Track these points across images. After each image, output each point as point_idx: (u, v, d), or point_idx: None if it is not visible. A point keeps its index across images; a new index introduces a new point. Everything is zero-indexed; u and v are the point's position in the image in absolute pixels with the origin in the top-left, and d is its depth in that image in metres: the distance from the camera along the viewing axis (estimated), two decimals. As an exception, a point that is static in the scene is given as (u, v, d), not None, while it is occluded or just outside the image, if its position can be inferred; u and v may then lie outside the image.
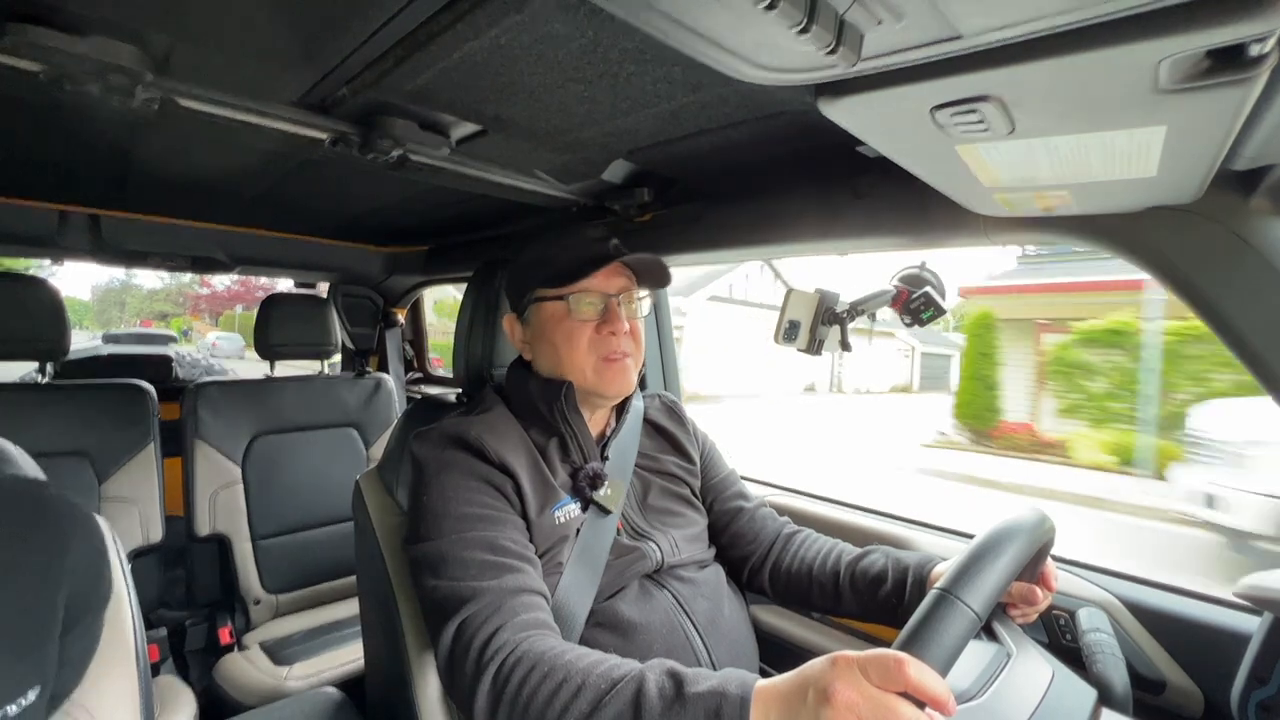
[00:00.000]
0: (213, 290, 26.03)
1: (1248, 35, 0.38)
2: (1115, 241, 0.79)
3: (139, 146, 1.11)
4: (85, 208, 1.59)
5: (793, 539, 1.04)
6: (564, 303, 0.89)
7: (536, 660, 0.66)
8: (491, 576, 0.74)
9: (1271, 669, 0.77)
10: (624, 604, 0.86)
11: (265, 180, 1.34)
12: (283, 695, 1.44)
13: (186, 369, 3.84)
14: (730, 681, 0.58)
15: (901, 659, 0.51)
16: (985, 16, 0.40)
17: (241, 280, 22.74)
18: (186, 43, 0.70)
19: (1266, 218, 0.69)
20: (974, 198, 0.78)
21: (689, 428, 1.10)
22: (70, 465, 1.58)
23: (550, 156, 1.06)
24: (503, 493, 0.83)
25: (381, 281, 2.38)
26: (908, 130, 0.59)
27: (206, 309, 26.44)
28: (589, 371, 0.90)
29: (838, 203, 1.02)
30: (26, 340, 1.56)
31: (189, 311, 27.07)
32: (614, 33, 0.64)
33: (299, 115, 0.89)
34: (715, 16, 0.42)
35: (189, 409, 1.82)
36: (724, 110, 0.82)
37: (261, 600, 1.83)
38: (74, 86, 0.73)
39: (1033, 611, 0.80)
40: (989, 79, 0.47)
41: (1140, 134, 0.52)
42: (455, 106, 0.86)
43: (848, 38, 0.42)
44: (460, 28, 0.63)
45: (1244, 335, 0.70)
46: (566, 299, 0.89)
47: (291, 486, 1.92)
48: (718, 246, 1.23)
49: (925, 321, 1.08)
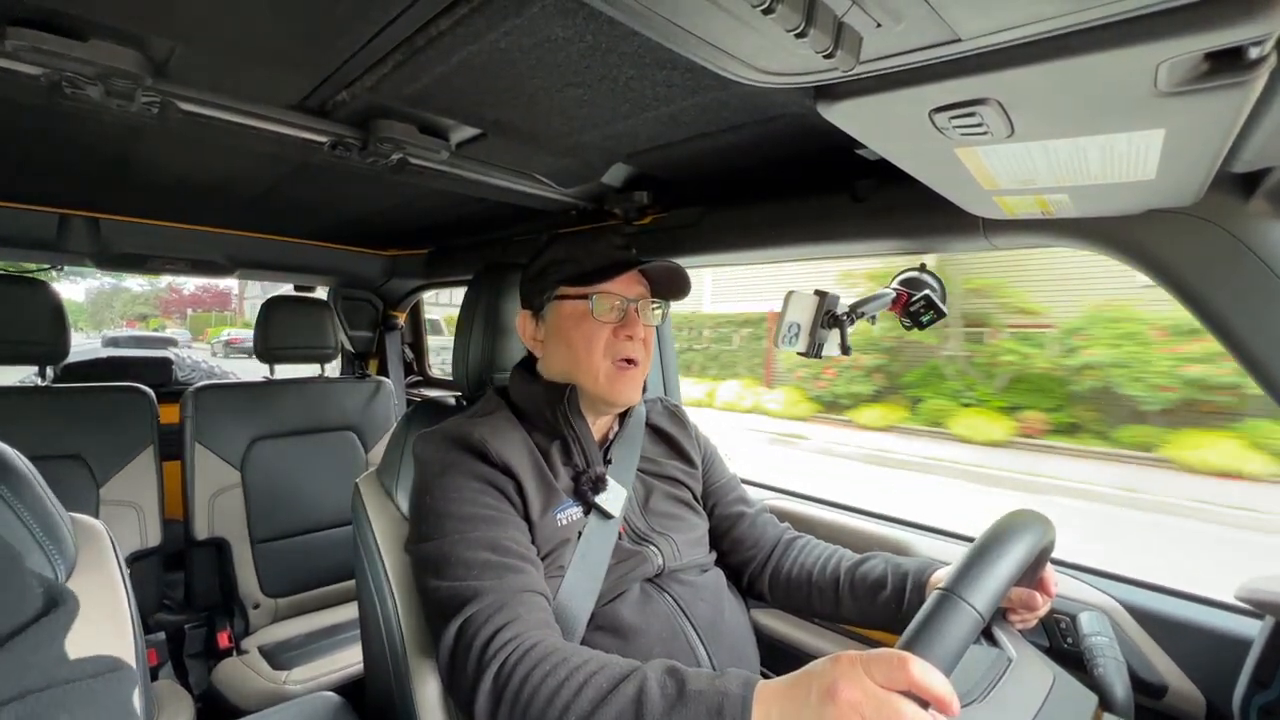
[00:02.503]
0: (180, 295, 33.57)
1: (1246, 38, 0.38)
2: (1114, 245, 0.79)
3: (139, 150, 1.11)
4: (85, 211, 1.59)
5: (793, 545, 1.04)
6: (585, 302, 0.89)
7: (538, 659, 0.66)
8: (494, 576, 0.74)
9: (1273, 673, 0.77)
10: (625, 608, 0.85)
11: (265, 184, 1.34)
12: (282, 699, 1.44)
13: (186, 372, 3.83)
14: (732, 680, 0.58)
15: (905, 658, 0.51)
16: (984, 19, 0.40)
17: (203, 286, 32.13)
18: (186, 47, 0.70)
19: (1266, 220, 0.69)
20: (973, 201, 0.78)
21: (691, 432, 1.10)
22: (69, 468, 1.58)
23: (550, 160, 1.06)
24: (505, 494, 0.83)
25: (381, 285, 2.38)
26: (907, 133, 0.59)
27: (175, 310, 34.03)
28: (601, 376, 0.90)
29: (837, 206, 1.03)
30: (25, 343, 1.56)
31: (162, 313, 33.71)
32: (613, 36, 0.64)
33: (298, 119, 0.89)
34: (714, 20, 0.42)
35: (188, 412, 1.82)
36: (723, 114, 0.82)
37: (260, 604, 1.83)
38: (74, 90, 0.73)
39: (1033, 617, 0.80)
40: (988, 82, 0.47)
41: (1139, 137, 0.52)
42: (455, 110, 0.86)
43: (846, 41, 0.42)
44: (460, 31, 0.63)
45: (1243, 338, 0.70)
46: (590, 298, 0.89)
47: (290, 490, 1.91)
48: (717, 250, 1.23)
49: (925, 324, 1.07)
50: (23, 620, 0.54)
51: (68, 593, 0.60)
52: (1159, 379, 6.79)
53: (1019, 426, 7.72)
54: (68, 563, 0.74)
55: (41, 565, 0.70)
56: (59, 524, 0.74)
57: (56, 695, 0.51)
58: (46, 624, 0.55)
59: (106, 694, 0.55)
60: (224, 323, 29.74)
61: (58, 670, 0.53)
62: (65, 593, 0.60)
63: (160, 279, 30.05)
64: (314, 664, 1.59)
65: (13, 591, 0.56)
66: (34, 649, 0.53)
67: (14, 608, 0.54)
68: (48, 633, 0.55)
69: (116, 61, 0.69)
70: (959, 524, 1.24)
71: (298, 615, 1.89)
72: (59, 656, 0.55)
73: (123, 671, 0.58)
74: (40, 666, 0.52)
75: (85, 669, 0.55)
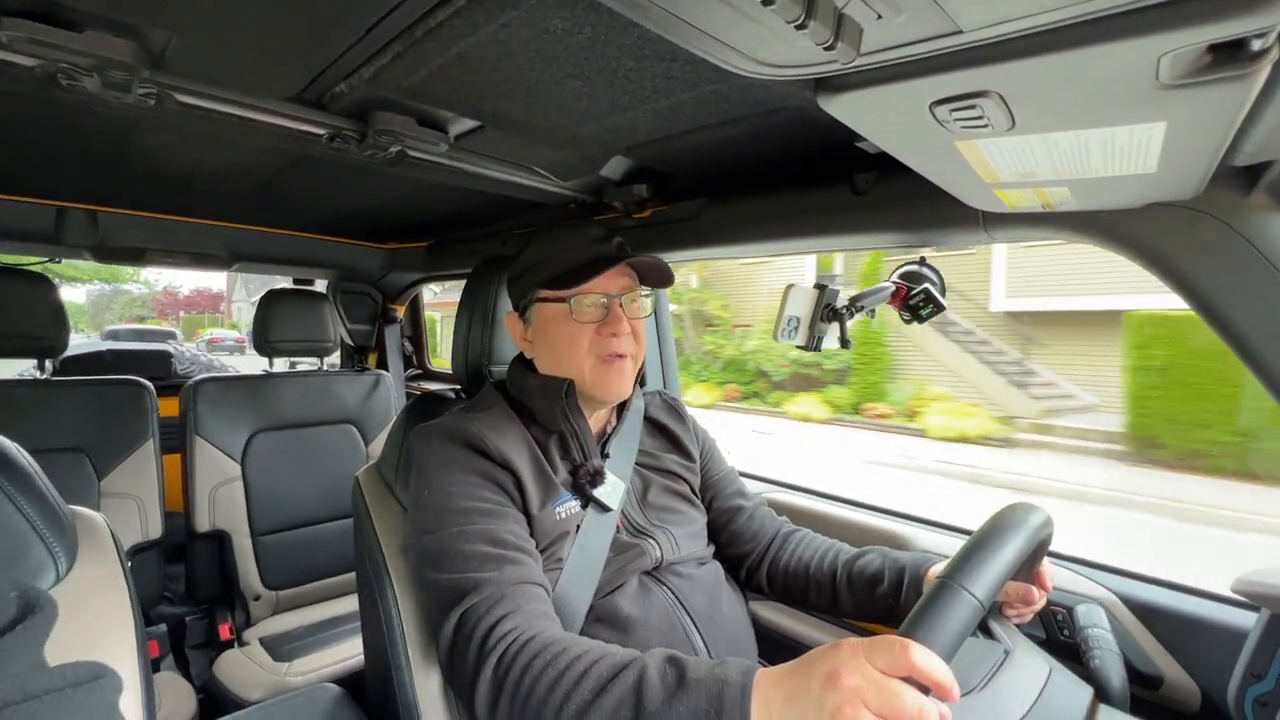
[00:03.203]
0: (175, 298, 36.97)
1: (1249, 30, 0.38)
2: (1115, 238, 0.79)
3: (136, 142, 1.11)
4: (83, 204, 1.58)
5: (790, 538, 1.04)
6: (565, 305, 0.89)
7: (538, 650, 0.66)
8: (493, 568, 0.75)
9: (1268, 664, 0.78)
10: (623, 600, 0.86)
11: (263, 176, 1.34)
12: (283, 691, 1.45)
13: (186, 365, 3.83)
14: (732, 668, 0.58)
15: (906, 644, 0.51)
16: (985, 11, 0.40)
17: (196, 290, 37.29)
18: (183, 38, 0.70)
19: (1267, 214, 0.69)
20: (974, 194, 0.78)
21: (689, 425, 1.10)
22: (69, 461, 1.58)
23: (549, 152, 1.06)
24: (504, 488, 0.83)
25: (381, 278, 2.38)
26: (907, 126, 0.59)
27: (171, 313, 36.82)
28: (587, 373, 0.89)
29: (837, 199, 1.02)
30: (24, 337, 1.56)
31: (158, 314, 36.31)
32: (612, 28, 0.63)
33: (296, 111, 0.89)
34: (714, 11, 0.41)
35: (188, 405, 1.82)
36: (723, 106, 0.82)
37: (261, 596, 1.84)
38: (70, 82, 0.73)
39: (1029, 611, 0.81)
40: (989, 74, 0.46)
41: (1141, 130, 0.52)
42: (453, 102, 0.86)
43: (846, 33, 0.42)
44: (458, 23, 0.63)
45: (1243, 331, 0.70)
46: (568, 301, 0.88)
47: (291, 483, 1.92)
48: (716, 243, 1.23)
49: (925, 318, 1.07)
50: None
51: (45, 598, 0.59)
52: (781, 360, 11.42)
53: (724, 394, 12.04)
54: (69, 556, 0.75)
55: (42, 558, 0.71)
56: (59, 517, 0.75)
57: (34, 708, 0.50)
58: (20, 633, 0.53)
59: (89, 702, 0.54)
60: (214, 324, 32.11)
61: (35, 680, 0.51)
62: (42, 598, 0.58)
63: (158, 283, 33.72)
64: (315, 656, 1.60)
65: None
66: (7, 660, 0.51)
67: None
68: (21, 641, 0.53)
69: (112, 53, 0.68)
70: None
71: (298, 607, 1.89)
72: (36, 665, 0.53)
73: (106, 678, 0.56)
74: (15, 678, 0.50)
75: (66, 677, 0.53)
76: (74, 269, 14.53)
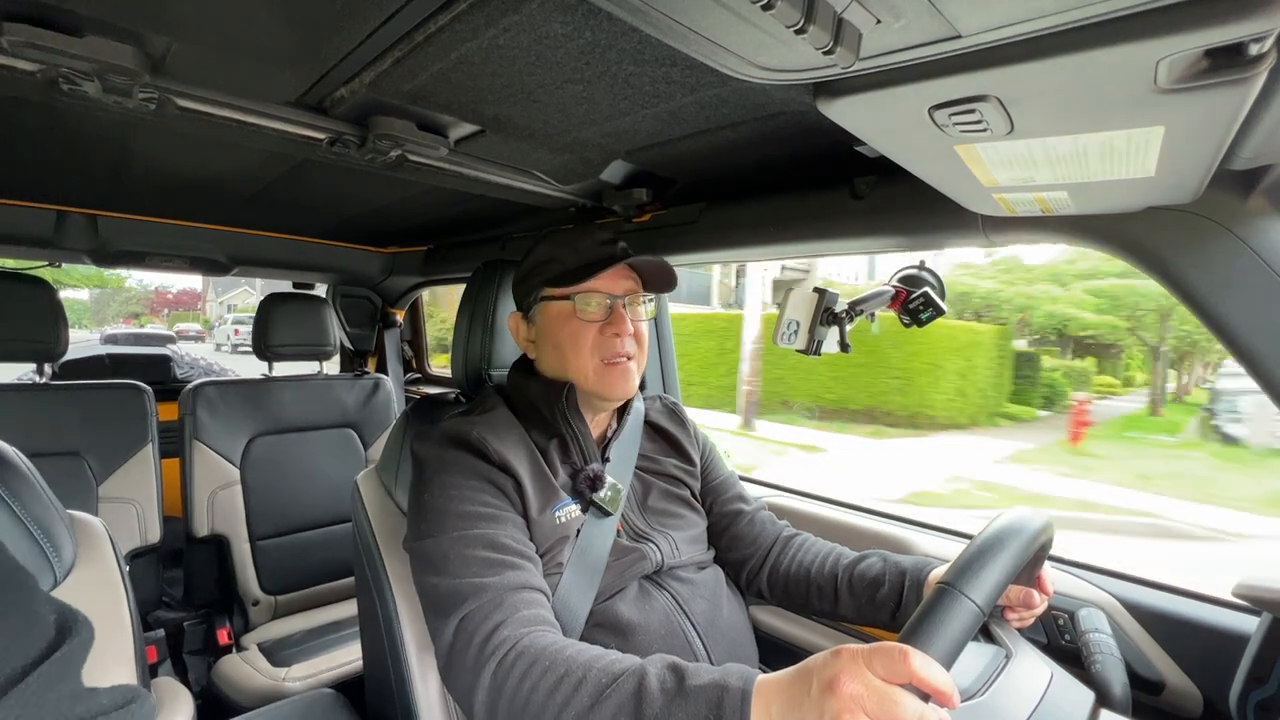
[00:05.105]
0: (164, 297, 42.16)
1: (1246, 34, 0.38)
2: (1113, 242, 0.79)
3: (137, 147, 1.11)
4: (83, 208, 1.58)
5: (791, 542, 1.04)
6: (570, 302, 0.89)
7: (537, 655, 0.66)
8: (492, 573, 0.74)
9: (1270, 669, 0.77)
10: (623, 605, 0.86)
11: (263, 180, 1.34)
12: (281, 696, 1.44)
13: (185, 369, 3.83)
14: (731, 674, 0.58)
15: (906, 650, 0.51)
16: (984, 16, 0.40)
17: (183, 290, 42.28)
18: (184, 43, 0.70)
19: (1265, 217, 0.69)
20: (973, 198, 0.78)
21: (690, 429, 1.10)
22: (67, 466, 1.58)
23: (549, 157, 1.06)
24: (504, 492, 0.83)
25: (380, 282, 2.38)
26: (906, 130, 0.59)
27: (159, 310, 41.85)
28: (591, 373, 0.90)
29: (837, 203, 1.02)
30: (22, 340, 1.56)
31: (149, 312, 40.98)
32: (612, 33, 0.63)
33: (297, 115, 0.89)
34: (714, 16, 0.42)
35: (187, 409, 1.82)
36: (723, 110, 0.82)
37: (260, 601, 1.83)
38: (71, 87, 0.73)
39: (1030, 615, 0.80)
40: (988, 79, 0.47)
41: (1139, 134, 0.52)
42: (453, 107, 0.86)
43: (846, 37, 0.42)
44: (458, 28, 0.63)
45: (1241, 335, 0.70)
46: (573, 299, 0.89)
47: (290, 487, 1.91)
48: (716, 247, 1.23)
49: (925, 322, 1.07)
50: (35, 654, 0.52)
51: (81, 619, 0.59)
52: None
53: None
54: (67, 560, 0.74)
55: (40, 563, 0.70)
56: (57, 522, 0.74)
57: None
58: (60, 659, 0.53)
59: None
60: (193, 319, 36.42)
61: (75, 707, 0.52)
62: (79, 620, 0.58)
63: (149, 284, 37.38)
64: (313, 661, 1.59)
65: (23, 622, 0.54)
66: (50, 685, 0.51)
67: (24, 641, 0.53)
68: (62, 666, 0.53)
69: (113, 57, 0.69)
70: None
71: (297, 612, 1.89)
72: (75, 692, 0.53)
73: (141, 700, 0.57)
74: (56, 706, 0.50)
75: (103, 702, 0.54)
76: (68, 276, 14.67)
